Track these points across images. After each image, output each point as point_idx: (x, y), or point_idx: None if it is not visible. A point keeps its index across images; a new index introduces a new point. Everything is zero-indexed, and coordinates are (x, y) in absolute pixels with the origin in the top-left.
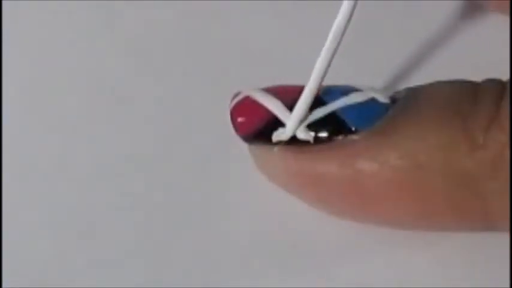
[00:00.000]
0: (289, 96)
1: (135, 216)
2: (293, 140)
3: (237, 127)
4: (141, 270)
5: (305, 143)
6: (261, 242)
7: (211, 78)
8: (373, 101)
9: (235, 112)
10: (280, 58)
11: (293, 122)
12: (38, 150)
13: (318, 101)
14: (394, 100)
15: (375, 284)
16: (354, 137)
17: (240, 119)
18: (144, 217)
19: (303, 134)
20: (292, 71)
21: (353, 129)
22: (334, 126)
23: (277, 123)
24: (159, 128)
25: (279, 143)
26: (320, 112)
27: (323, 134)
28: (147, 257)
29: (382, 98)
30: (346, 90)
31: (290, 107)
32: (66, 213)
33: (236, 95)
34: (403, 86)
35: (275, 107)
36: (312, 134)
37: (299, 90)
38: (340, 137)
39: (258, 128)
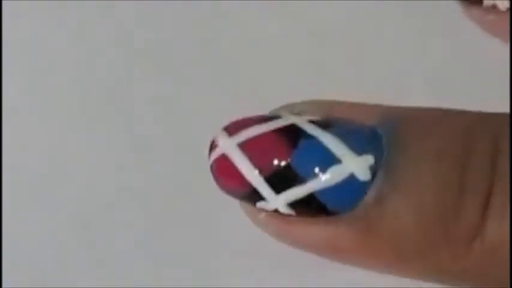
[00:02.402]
0: (269, 166)
1: (136, 216)
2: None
3: (220, 187)
4: (141, 271)
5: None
6: (260, 241)
7: (211, 78)
8: (352, 179)
9: (215, 171)
10: (280, 58)
11: (274, 203)
12: (37, 149)
13: (294, 176)
14: (374, 172)
15: (374, 283)
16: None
17: (220, 180)
18: (144, 218)
19: (285, 210)
20: (291, 71)
21: (333, 212)
22: (314, 206)
23: (259, 195)
24: (159, 128)
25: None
26: (298, 192)
27: (304, 212)
28: (146, 258)
29: (362, 174)
30: (323, 164)
31: (269, 179)
32: (66, 213)
33: (212, 144)
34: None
35: (255, 181)
36: (293, 211)
37: (282, 157)
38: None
39: (240, 194)
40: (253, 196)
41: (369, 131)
